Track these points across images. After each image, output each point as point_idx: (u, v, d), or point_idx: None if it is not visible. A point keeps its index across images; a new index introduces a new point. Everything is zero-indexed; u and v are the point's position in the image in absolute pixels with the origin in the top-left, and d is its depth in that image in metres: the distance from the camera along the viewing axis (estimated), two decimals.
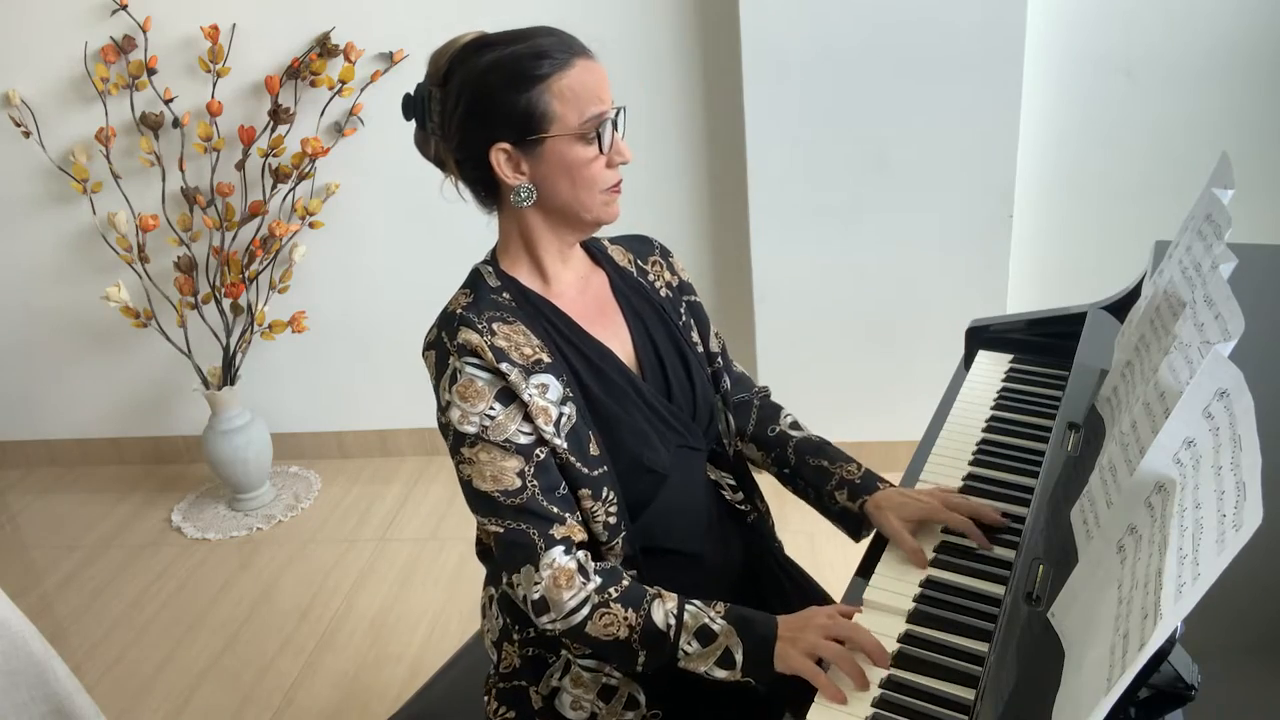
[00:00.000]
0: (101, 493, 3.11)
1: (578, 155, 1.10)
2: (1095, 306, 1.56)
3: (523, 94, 1.08)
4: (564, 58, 1.09)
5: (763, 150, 2.51)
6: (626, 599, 1.09)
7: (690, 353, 1.28)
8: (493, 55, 1.09)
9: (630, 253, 1.32)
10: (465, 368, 1.10)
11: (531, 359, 1.12)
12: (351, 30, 2.64)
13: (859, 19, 2.36)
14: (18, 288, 3.02)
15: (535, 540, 1.10)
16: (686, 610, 1.09)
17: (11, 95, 2.77)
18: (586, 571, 1.11)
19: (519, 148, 1.10)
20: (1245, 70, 2.43)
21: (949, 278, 2.60)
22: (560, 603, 1.09)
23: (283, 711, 2.15)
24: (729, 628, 1.08)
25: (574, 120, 1.09)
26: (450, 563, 2.59)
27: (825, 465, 1.32)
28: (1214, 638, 0.82)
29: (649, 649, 1.08)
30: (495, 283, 1.17)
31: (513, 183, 1.12)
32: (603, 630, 1.09)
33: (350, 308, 2.96)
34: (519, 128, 1.09)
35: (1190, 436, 0.79)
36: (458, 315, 1.13)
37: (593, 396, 1.16)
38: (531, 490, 1.10)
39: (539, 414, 1.10)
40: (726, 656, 1.07)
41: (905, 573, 1.15)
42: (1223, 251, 1.05)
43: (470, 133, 1.11)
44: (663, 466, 1.20)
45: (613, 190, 1.15)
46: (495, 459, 1.10)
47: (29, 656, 1.44)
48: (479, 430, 1.09)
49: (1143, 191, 2.58)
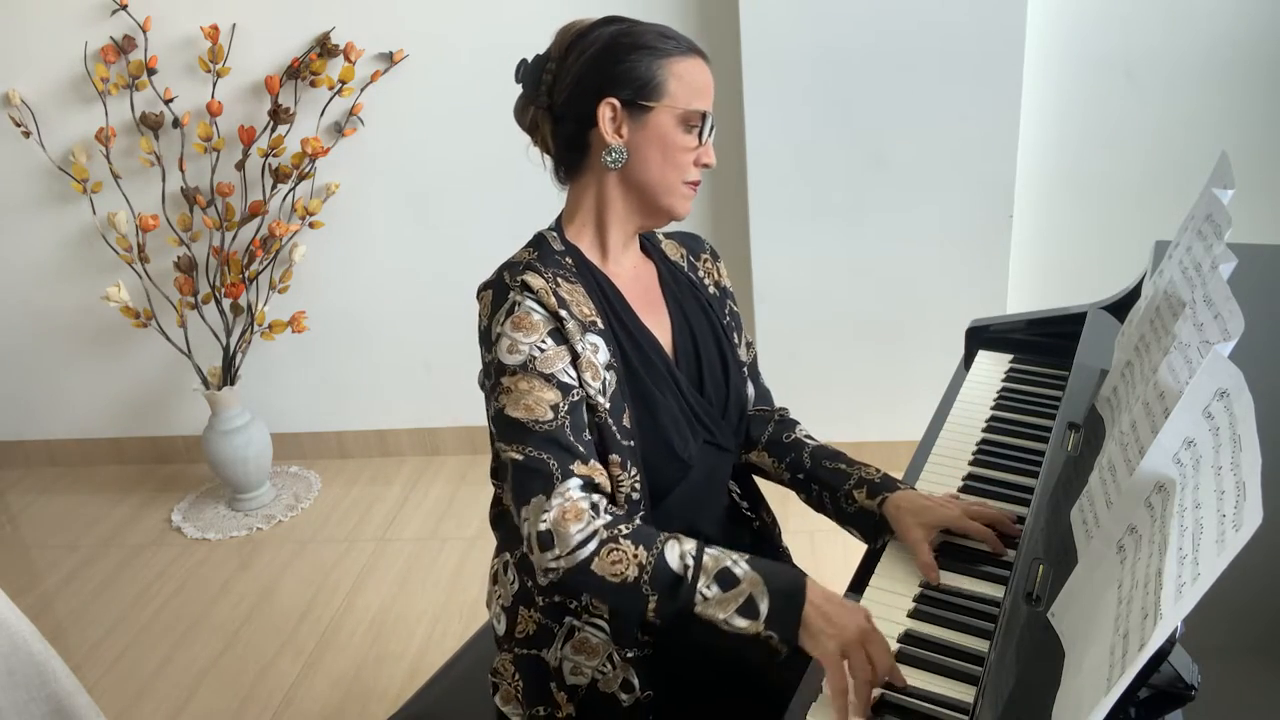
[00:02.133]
0: (101, 493, 3.11)
1: (677, 137, 1.15)
2: (1095, 306, 1.56)
3: (645, 60, 1.13)
4: (685, 46, 1.16)
5: (763, 150, 2.51)
6: (638, 536, 1.05)
7: (730, 353, 1.30)
8: (622, 27, 1.15)
9: (683, 248, 1.35)
10: (525, 301, 1.12)
11: (588, 319, 1.15)
12: (351, 30, 2.64)
13: (859, 19, 2.36)
14: (18, 288, 3.02)
15: (553, 469, 1.06)
16: (706, 553, 1.05)
17: (11, 95, 2.77)
18: (598, 508, 1.07)
19: (627, 109, 1.14)
20: (1245, 70, 2.43)
21: (949, 278, 2.60)
22: (566, 535, 1.03)
23: (283, 711, 2.15)
24: (754, 575, 1.03)
25: (683, 102, 1.14)
26: (450, 563, 2.59)
27: (843, 467, 1.31)
28: (1214, 638, 0.82)
29: (661, 592, 1.02)
30: (560, 247, 1.20)
31: (610, 140, 1.14)
32: (610, 569, 1.03)
33: (350, 308, 2.96)
34: (635, 88, 1.13)
35: (1190, 436, 0.79)
36: (524, 263, 1.15)
37: (634, 371, 1.18)
38: (562, 422, 1.09)
39: (587, 368, 1.13)
40: (749, 605, 1.02)
41: (906, 572, 1.15)
42: (1223, 251, 1.05)
43: (585, 84, 1.14)
44: (689, 456, 1.20)
45: (691, 185, 1.18)
46: (535, 388, 1.10)
47: (29, 656, 1.44)
48: (526, 359, 1.10)
49: (1143, 191, 2.58)
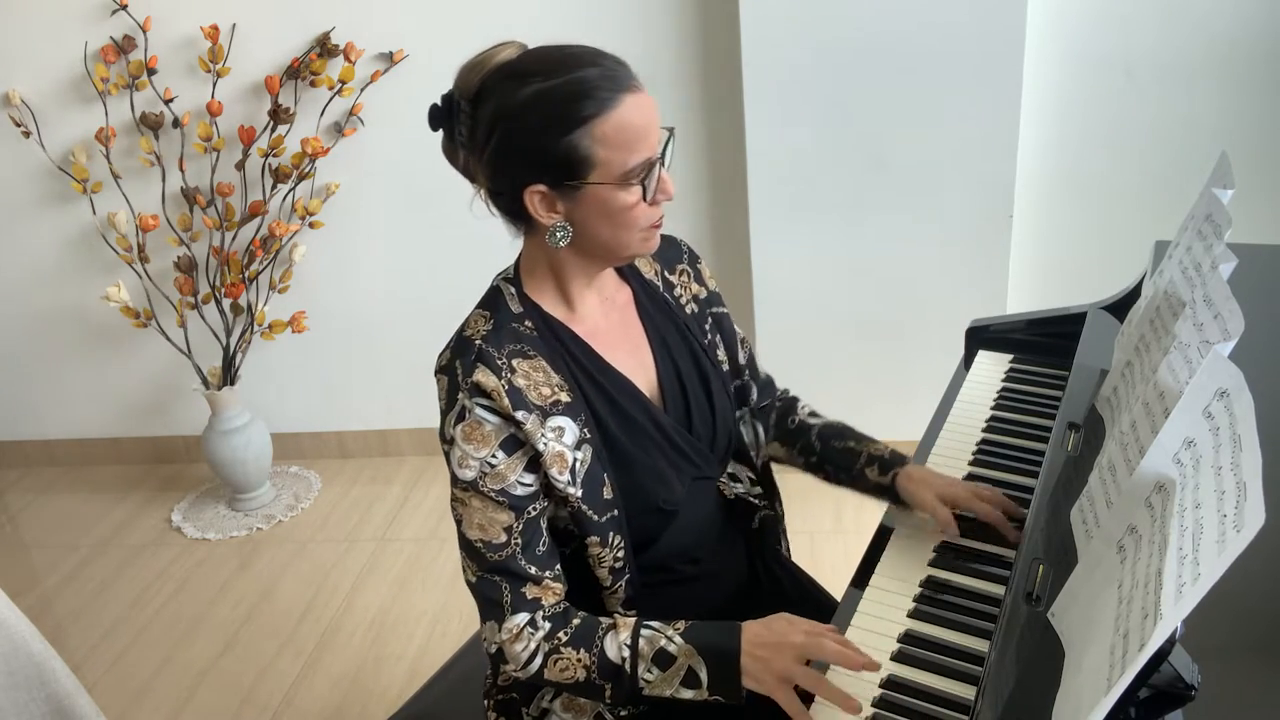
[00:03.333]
0: (101, 493, 3.10)
1: (619, 200, 1.03)
2: (1095, 306, 1.56)
3: (562, 138, 0.99)
4: (609, 95, 1.00)
5: (763, 150, 2.51)
6: (577, 639, 1.07)
7: (714, 375, 1.24)
8: (531, 89, 1.00)
9: (658, 261, 1.26)
10: (475, 409, 1.05)
11: (550, 400, 1.08)
12: (351, 30, 2.64)
13: (859, 19, 2.36)
14: (18, 288, 3.01)
15: (505, 598, 1.08)
16: (641, 636, 1.06)
17: (11, 95, 2.77)
18: (535, 621, 1.08)
19: (555, 190, 1.03)
20: (1245, 70, 2.43)
21: (949, 278, 2.59)
22: (515, 655, 1.08)
23: (282, 712, 2.15)
24: (687, 646, 1.04)
25: (617, 167, 1.01)
26: (450, 563, 2.59)
27: (852, 445, 1.32)
28: (1214, 638, 0.82)
29: (611, 683, 1.06)
30: (518, 308, 1.12)
31: (547, 223, 1.05)
32: (560, 675, 1.07)
33: (350, 308, 2.96)
34: (556, 172, 1.02)
35: (1190, 436, 0.79)
36: (476, 348, 1.06)
37: (610, 436, 1.12)
38: (514, 548, 1.07)
39: (554, 462, 1.06)
40: (691, 676, 1.03)
41: (906, 571, 1.15)
42: (1223, 251, 1.05)
43: (503, 169, 1.04)
44: (674, 505, 1.17)
45: (653, 226, 1.08)
46: (487, 509, 1.06)
47: (29, 656, 1.44)
48: (476, 476, 1.06)
49: (1143, 191, 2.58)
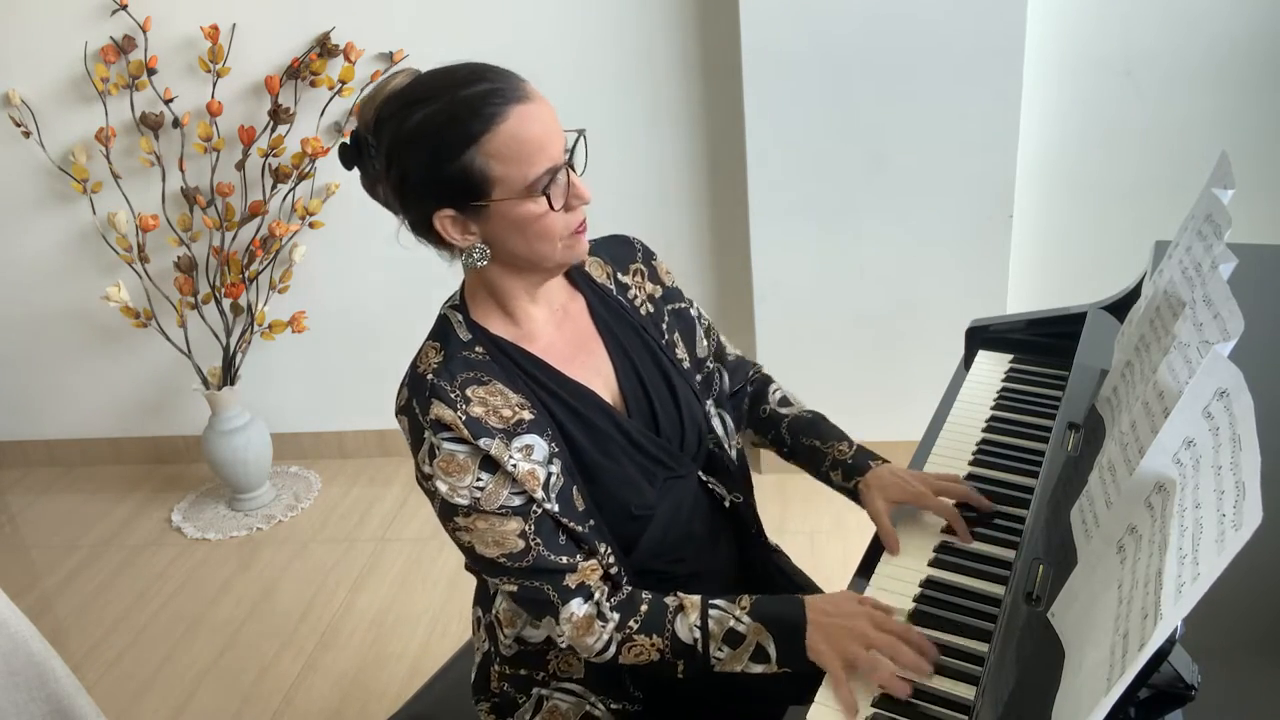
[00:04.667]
0: (101, 493, 3.10)
1: (527, 212, 1.02)
2: (1095, 306, 1.56)
3: (456, 160, 0.99)
4: (497, 109, 0.98)
5: (763, 150, 2.51)
6: (648, 626, 1.10)
7: (675, 375, 1.22)
8: (420, 115, 0.99)
9: (610, 264, 1.24)
10: (442, 444, 1.04)
11: (512, 420, 1.06)
12: (351, 30, 2.64)
13: (859, 19, 2.36)
14: (18, 288, 3.01)
15: (551, 597, 1.09)
16: (710, 617, 1.09)
17: (11, 95, 2.77)
18: (604, 613, 1.10)
19: (463, 212, 1.03)
20: (1245, 70, 2.43)
21: (949, 278, 2.59)
22: (588, 646, 1.10)
23: (282, 711, 2.15)
24: (756, 625, 1.07)
25: (518, 180, 1.00)
26: (450, 563, 2.59)
27: (817, 445, 1.31)
28: (1214, 638, 0.82)
29: (684, 660, 1.09)
30: (466, 335, 1.10)
31: (463, 245, 1.05)
32: (635, 659, 1.10)
33: (350, 308, 2.96)
34: (458, 195, 1.01)
35: (1190, 436, 0.79)
36: (429, 384, 1.05)
37: (578, 447, 1.12)
38: (536, 549, 1.07)
39: (526, 479, 1.06)
40: (760, 652, 1.07)
41: (906, 572, 1.15)
42: (1222, 251, 1.05)
43: (409, 199, 1.04)
44: (648, 509, 1.17)
45: (575, 233, 1.07)
46: (494, 525, 1.06)
47: (29, 656, 1.44)
48: (471, 502, 1.05)
49: (1143, 191, 2.58)
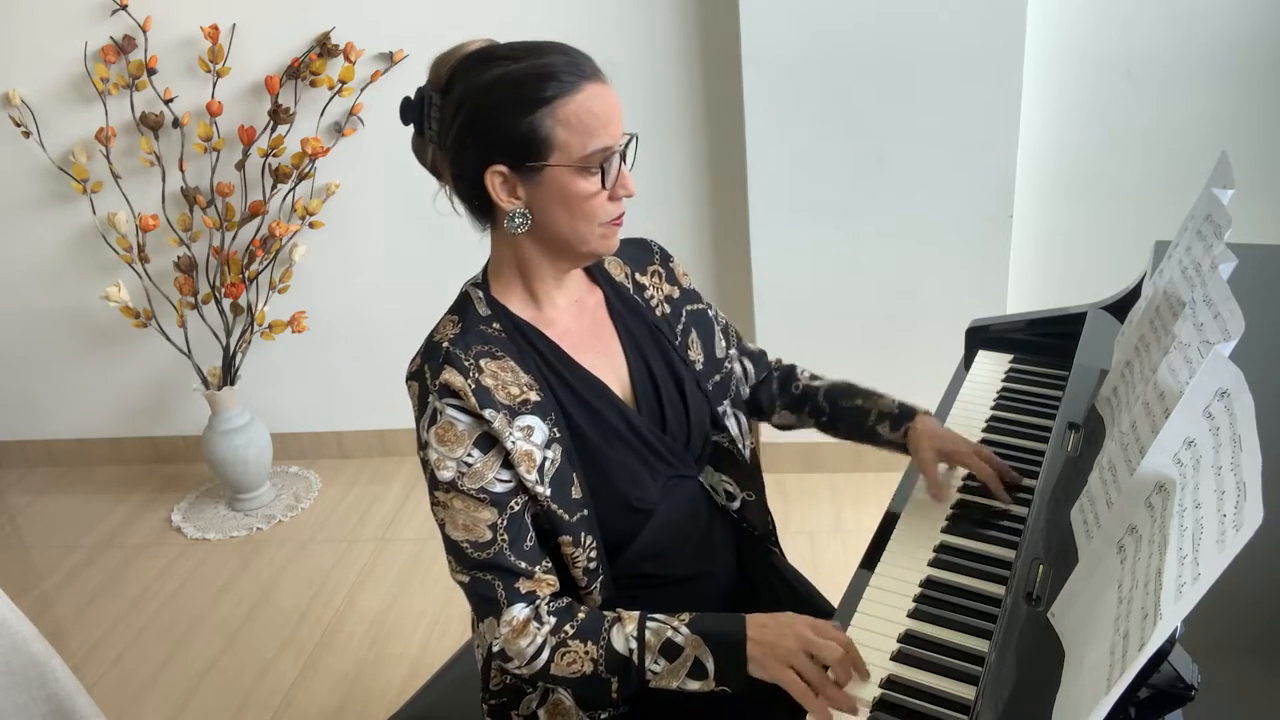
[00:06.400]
0: (101, 493, 3.10)
1: (578, 187, 1.04)
2: (1095, 306, 1.56)
3: (524, 117, 1.01)
4: (572, 80, 1.02)
5: (763, 150, 2.51)
6: (583, 632, 1.07)
7: (687, 376, 1.23)
8: (497, 71, 1.02)
9: (628, 264, 1.26)
10: (446, 409, 1.05)
11: (518, 399, 1.08)
12: (351, 30, 2.64)
13: (859, 19, 2.36)
14: (18, 288, 3.02)
15: (499, 595, 1.08)
16: (647, 628, 1.06)
17: (11, 95, 2.77)
18: (540, 615, 1.08)
19: (516, 172, 1.04)
20: (1245, 70, 2.43)
21: (949, 278, 2.59)
22: (520, 650, 1.08)
23: (282, 712, 2.15)
24: (694, 638, 1.04)
25: (577, 150, 1.03)
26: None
27: (859, 403, 1.34)
28: (1214, 638, 0.82)
29: (618, 675, 1.06)
30: (485, 311, 1.12)
31: (507, 207, 1.06)
32: (568, 669, 1.07)
33: (350, 308, 2.96)
34: (517, 152, 1.03)
35: (1190, 436, 0.79)
36: (443, 350, 1.07)
37: (581, 435, 1.12)
38: (501, 544, 1.07)
39: (522, 460, 1.06)
40: (697, 667, 1.04)
41: (906, 572, 1.15)
42: (1223, 251, 1.05)
43: (466, 150, 1.05)
44: (651, 503, 1.16)
45: (613, 224, 1.09)
46: (469, 508, 1.06)
47: (29, 656, 1.44)
48: (454, 476, 1.06)
49: (1143, 192, 2.58)
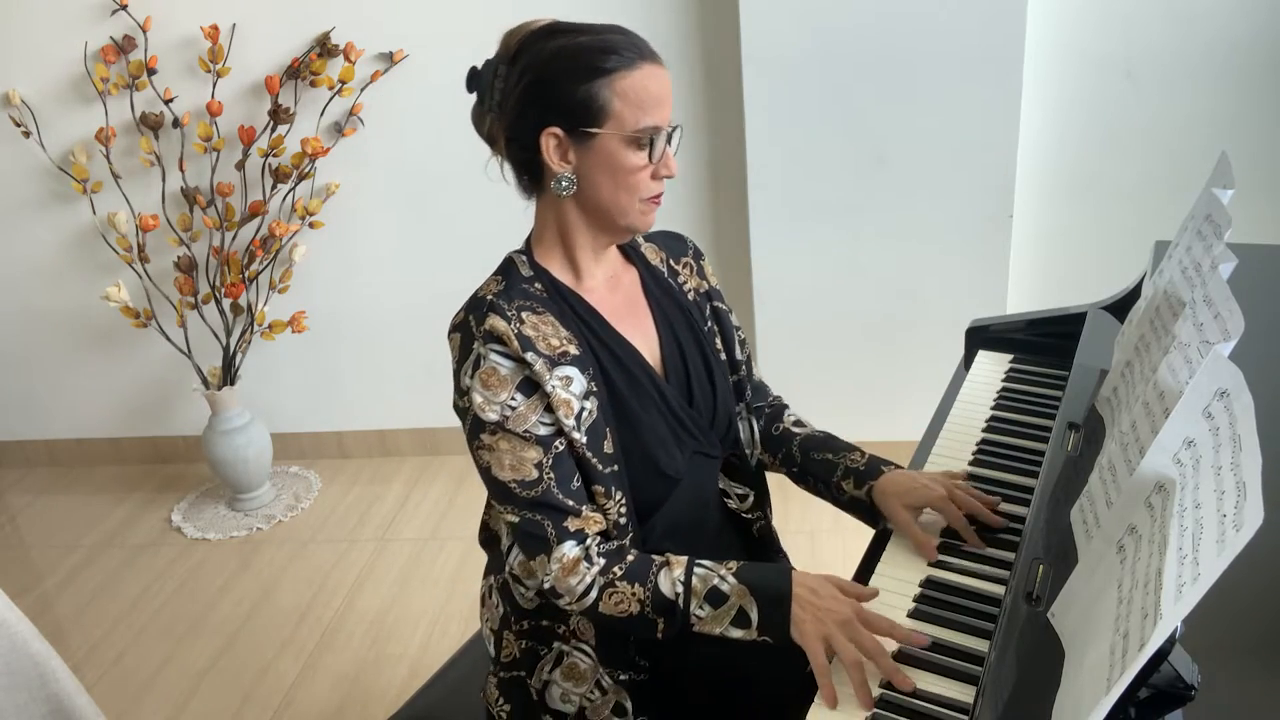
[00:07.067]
0: (101, 493, 3.10)
1: (626, 158, 1.11)
2: (1095, 306, 1.56)
3: (584, 84, 1.08)
4: (631, 57, 1.10)
5: (762, 150, 2.51)
6: (632, 574, 1.10)
7: (714, 359, 1.28)
8: (562, 40, 1.10)
9: (663, 250, 1.32)
10: (490, 354, 1.10)
11: (558, 350, 1.13)
12: (351, 30, 2.64)
13: (859, 19, 2.36)
14: (18, 288, 3.01)
15: (549, 533, 1.12)
16: (695, 574, 1.09)
17: (11, 95, 2.77)
18: (591, 556, 1.12)
19: (570, 136, 1.10)
20: (1245, 70, 2.43)
21: (949, 278, 2.59)
22: (570, 588, 1.11)
23: (283, 712, 2.15)
24: (740, 587, 1.08)
25: (629, 123, 1.10)
26: (450, 563, 2.59)
27: (830, 458, 1.32)
28: (1214, 638, 0.82)
29: (664, 617, 1.09)
30: (528, 272, 1.18)
31: (556, 170, 1.12)
32: (615, 608, 1.10)
33: (350, 308, 2.96)
34: (574, 116, 1.09)
35: (1190, 436, 0.79)
36: (487, 301, 1.13)
37: (616, 391, 1.17)
38: (548, 483, 1.11)
39: (560, 406, 1.11)
40: (741, 616, 1.07)
41: (906, 572, 1.15)
42: (1223, 251, 1.05)
43: (526, 111, 1.11)
44: (676, 471, 1.20)
45: (652, 200, 1.15)
46: (515, 448, 1.11)
47: (29, 657, 1.44)
48: (500, 418, 1.10)
49: (1143, 192, 2.58)
